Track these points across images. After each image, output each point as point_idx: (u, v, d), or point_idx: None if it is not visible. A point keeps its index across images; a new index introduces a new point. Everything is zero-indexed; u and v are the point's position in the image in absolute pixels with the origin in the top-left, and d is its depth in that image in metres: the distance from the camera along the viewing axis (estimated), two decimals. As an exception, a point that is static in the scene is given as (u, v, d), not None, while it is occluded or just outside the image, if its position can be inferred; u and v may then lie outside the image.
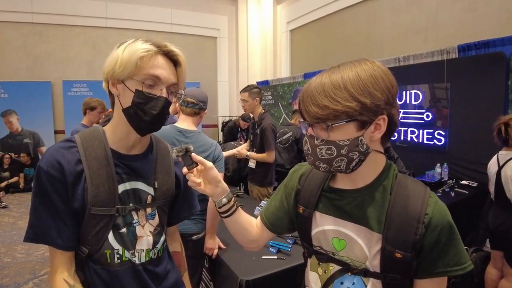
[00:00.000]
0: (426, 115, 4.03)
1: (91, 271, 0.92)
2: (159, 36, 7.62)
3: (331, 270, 0.87)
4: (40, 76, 6.94)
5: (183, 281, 1.19)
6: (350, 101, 0.72)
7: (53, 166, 0.86)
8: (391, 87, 0.75)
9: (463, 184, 3.46)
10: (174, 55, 0.94)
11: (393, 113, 0.77)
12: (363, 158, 0.77)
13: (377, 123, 0.75)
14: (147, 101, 0.89)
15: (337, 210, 0.85)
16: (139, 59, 0.86)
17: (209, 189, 0.92)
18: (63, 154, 0.89)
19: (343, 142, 0.75)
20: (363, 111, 0.72)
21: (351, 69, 0.74)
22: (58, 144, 0.93)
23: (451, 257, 0.74)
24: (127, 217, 0.95)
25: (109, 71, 0.90)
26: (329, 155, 0.76)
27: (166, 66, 0.92)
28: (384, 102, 0.73)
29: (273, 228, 1.02)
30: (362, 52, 5.79)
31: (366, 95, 0.72)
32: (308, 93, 0.76)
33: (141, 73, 0.88)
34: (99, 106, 3.49)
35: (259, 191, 3.39)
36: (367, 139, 0.76)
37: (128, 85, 0.89)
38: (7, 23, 6.59)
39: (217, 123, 8.86)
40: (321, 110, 0.73)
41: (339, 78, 0.74)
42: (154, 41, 0.91)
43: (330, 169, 0.78)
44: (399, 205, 0.77)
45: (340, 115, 0.72)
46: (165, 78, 0.91)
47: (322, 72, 0.78)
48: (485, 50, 3.44)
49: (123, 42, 0.91)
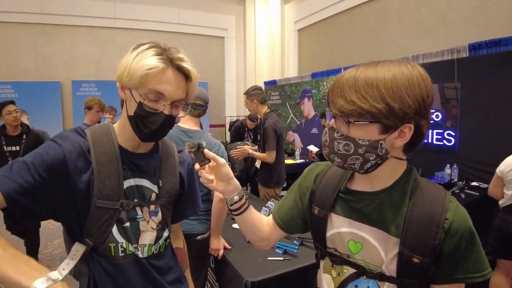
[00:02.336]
0: (436, 115, 3.97)
1: (96, 263, 0.94)
2: (166, 36, 7.69)
3: (345, 273, 0.85)
4: (49, 76, 7.02)
5: (186, 277, 1.20)
6: (379, 102, 0.69)
7: (66, 145, 0.88)
8: (426, 96, 0.70)
9: (474, 186, 3.40)
10: (186, 70, 0.93)
11: (422, 124, 0.72)
12: (380, 162, 0.75)
13: (402, 130, 0.71)
14: (147, 116, 0.90)
15: (354, 212, 0.83)
16: (144, 75, 0.85)
17: (221, 186, 0.92)
18: (76, 141, 0.91)
19: (362, 142, 0.73)
20: (389, 115, 0.69)
21: (389, 69, 0.70)
22: (72, 130, 0.95)
23: (471, 263, 0.72)
24: (131, 212, 0.97)
25: (119, 75, 0.90)
26: (345, 151, 0.75)
27: (174, 82, 0.90)
28: (413, 111, 0.69)
29: (286, 227, 1.00)
30: (371, 51, 5.74)
31: (397, 99, 0.68)
32: (339, 84, 0.74)
33: (145, 87, 0.87)
34: (96, 105, 3.58)
35: (266, 192, 3.38)
36: (388, 144, 0.73)
37: (133, 95, 0.89)
38: (17, 24, 6.68)
39: (225, 123, 8.87)
40: (347, 105, 0.71)
41: (374, 75, 0.70)
42: (167, 54, 0.89)
43: (344, 165, 0.77)
44: (418, 209, 0.75)
45: (365, 114, 0.70)
46: (170, 94, 0.90)
47: (359, 65, 0.75)
48: (496, 49, 3.37)
49: (138, 45, 0.90)
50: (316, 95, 6.30)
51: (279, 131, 3.22)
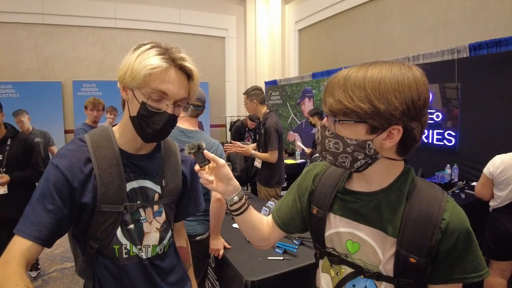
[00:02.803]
0: (436, 115, 3.97)
1: (101, 265, 0.96)
2: (167, 37, 7.70)
3: (344, 273, 0.86)
4: (50, 77, 7.03)
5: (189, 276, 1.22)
6: (364, 103, 0.69)
7: (64, 164, 0.88)
8: (417, 99, 0.69)
9: (474, 186, 3.38)
10: (188, 70, 0.93)
11: (412, 127, 0.71)
12: (370, 161, 0.76)
13: (391, 131, 0.71)
14: (151, 115, 0.89)
15: (352, 212, 0.84)
16: (147, 75, 0.85)
17: (220, 187, 0.92)
18: (75, 154, 0.91)
19: (350, 141, 0.74)
20: (374, 116, 0.69)
21: (380, 69, 0.71)
22: (70, 144, 0.96)
23: (468, 263, 0.73)
24: (134, 214, 0.98)
25: (121, 75, 0.89)
26: (335, 149, 0.76)
27: (176, 81, 0.90)
28: (400, 113, 0.69)
29: (285, 227, 1.01)
30: (372, 51, 5.74)
31: (383, 100, 0.68)
32: (331, 84, 0.76)
33: (148, 86, 0.87)
34: (89, 105, 3.65)
35: (267, 192, 3.39)
36: (377, 145, 0.73)
37: (136, 95, 0.89)
38: (18, 24, 6.69)
39: (225, 123, 8.88)
40: (335, 103, 0.73)
41: (363, 76, 0.71)
42: (169, 53, 0.89)
43: (335, 162, 0.79)
44: (415, 210, 0.75)
45: (350, 113, 0.71)
46: (173, 94, 0.90)
47: (355, 65, 0.76)
48: (497, 49, 3.38)
49: (140, 45, 0.90)
50: (316, 95, 6.30)
51: (281, 130, 3.25)
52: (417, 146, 0.76)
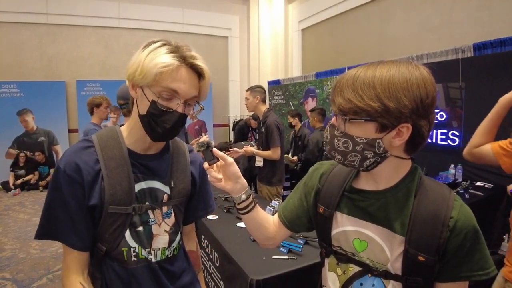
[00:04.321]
0: (440, 115, 3.96)
1: (109, 268, 0.94)
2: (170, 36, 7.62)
3: (351, 271, 0.86)
4: (54, 76, 7.08)
5: (199, 280, 1.19)
6: (374, 101, 0.70)
7: (71, 167, 0.87)
8: (425, 97, 0.70)
9: (478, 186, 3.39)
10: (199, 68, 0.91)
11: (421, 125, 0.73)
12: (380, 160, 0.76)
13: (400, 129, 0.72)
14: (161, 114, 0.87)
15: (360, 211, 0.84)
16: (158, 73, 0.83)
17: (229, 185, 0.92)
18: (81, 155, 0.90)
19: (359, 139, 0.74)
20: (384, 114, 0.70)
21: (388, 69, 0.72)
22: (76, 145, 0.94)
23: (475, 261, 0.73)
24: (143, 215, 0.96)
25: (130, 73, 0.87)
26: (344, 148, 0.77)
27: (187, 80, 0.88)
28: (410, 111, 0.70)
29: (291, 226, 1.01)
30: (375, 51, 5.73)
31: (392, 99, 0.69)
32: (340, 84, 0.76)
33: (159, 85, 0.85)
34: (104, 102, 3.51)
35: (269, 191, 3.39)
36: (386, 143, 0.74)
37: (146, 93, 0.87)
38: (22, 24, 6.74)
39: (228, 123, 8.89)
40: (345, 103, 0.73)
41: (372, 75, 0.72)
42: (180, 52, 0.87)
43: (344, 162, 0.79)
44: (423, 208, 0.75)
45: (361, 112, 0.72)
46: (184, 92, 0.88)
47: (363, 65, 0.76)
48: (501, 48, 3.36)
49: (150, 43, 0.88)
50: (320, 94, 6.29)
51: (281, 127, 3.27)
52: (424, 144, 0.77)
